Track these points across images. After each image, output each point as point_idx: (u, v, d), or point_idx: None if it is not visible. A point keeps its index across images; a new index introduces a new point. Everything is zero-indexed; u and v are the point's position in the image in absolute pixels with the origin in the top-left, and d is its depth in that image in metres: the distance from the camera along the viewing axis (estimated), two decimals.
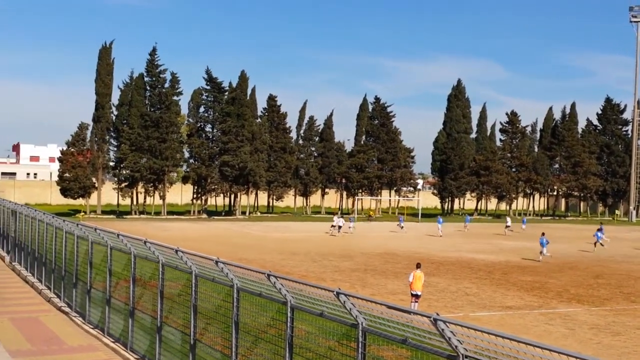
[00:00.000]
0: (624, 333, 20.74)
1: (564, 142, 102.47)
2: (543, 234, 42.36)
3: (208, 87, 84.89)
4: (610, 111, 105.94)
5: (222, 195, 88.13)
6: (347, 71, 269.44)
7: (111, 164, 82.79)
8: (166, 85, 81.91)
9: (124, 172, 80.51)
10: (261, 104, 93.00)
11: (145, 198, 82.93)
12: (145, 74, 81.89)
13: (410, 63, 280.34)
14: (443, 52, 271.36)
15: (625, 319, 23.12)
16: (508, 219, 68.90)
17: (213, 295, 12.53)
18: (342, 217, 62.34)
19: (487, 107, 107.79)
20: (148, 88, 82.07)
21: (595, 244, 48.42)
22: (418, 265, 23.25)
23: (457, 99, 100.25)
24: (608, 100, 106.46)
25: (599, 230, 49.97)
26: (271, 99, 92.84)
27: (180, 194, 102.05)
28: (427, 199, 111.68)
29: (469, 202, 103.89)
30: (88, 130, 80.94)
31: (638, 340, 19.75)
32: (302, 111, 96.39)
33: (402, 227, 63.93)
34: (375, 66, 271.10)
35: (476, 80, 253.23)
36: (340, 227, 57.39)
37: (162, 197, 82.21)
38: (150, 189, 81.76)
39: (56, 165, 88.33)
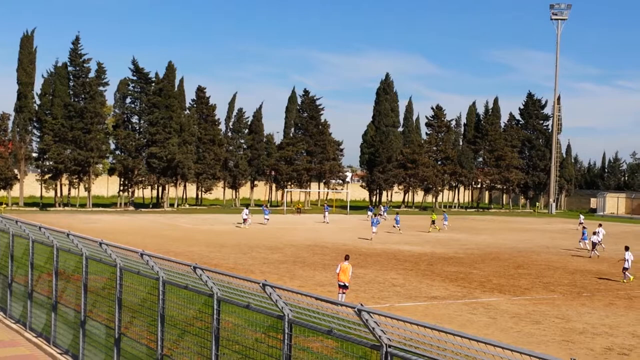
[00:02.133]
0: (543, 322, 21.47)
1: (487, 136, 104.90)
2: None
3: (135, 78, 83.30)
4: (532, 106, 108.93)
5: (149, 187, 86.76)
6: (277, 63, 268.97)
7: (34, 155, 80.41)
8: (91, 75, 80.00)
9: (47, 164, 78.31)
10: (190, 95, 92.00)
11: (69, 190, 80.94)
12: (68, 64, 79.75)
13: (340, 56, 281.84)
14: (372, 46, 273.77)
15: (544, 308, 23.92)
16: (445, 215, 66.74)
17: (138, 289, 12.40)
18: (247, 209, 62.14)
19: (414, 101, 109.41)
20: (72, 78, 79.98)
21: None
22: (346, 257, 23.49)
23: (386, 92, 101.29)
24: (530, 96, 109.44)
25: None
26: (200, 90, 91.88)
27: (106, 186, 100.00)
28: (356, 192, 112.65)
29: (396, 194, 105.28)
30: (10, 121, 78.38)
31: (556, 329, 20.48)
32: (232, 103, 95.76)
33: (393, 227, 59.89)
34: (305, 59, 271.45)
35: (404, 74, 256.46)
36: (245, 219, 57.33)
37: (87, 189, 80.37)
38: (74, 180, 79.81)
39: None
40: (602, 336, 19.68)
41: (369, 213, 72.64)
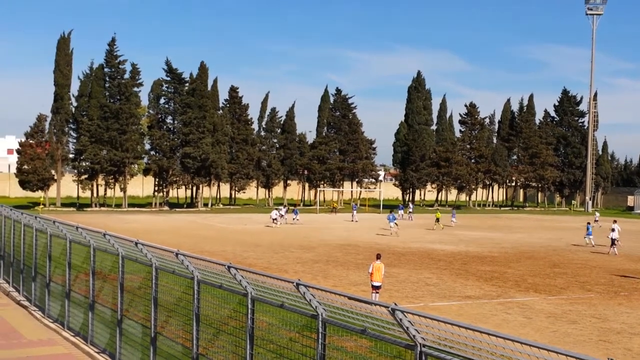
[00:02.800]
0: (579, 321, 21.20)
1: (521, 134, 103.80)
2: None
3: (168, 78, 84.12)
4: (567, 103, 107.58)
5: (183, 187, 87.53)
6: (308, 63, 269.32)
7: (71, 155, 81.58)
8: (126, 76, 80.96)
9: (84, 164, 79.42)
10: (222, 95, 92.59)
11: (105, 190, 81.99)
12: (104, 65, 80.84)
13: (372, 54, 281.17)
14: (404, 43, 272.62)
15: (581, 307, 23.62)
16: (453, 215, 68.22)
17: (174, 288, 12.51)
18: (277, 209, 62.41)
19: (447, 98, 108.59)
20: (107, 79, 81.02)
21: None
22: (378, 256, 23.43)
23: (417, 90, 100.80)
24: (565, 92, 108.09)
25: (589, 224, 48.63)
26: (232, 90, 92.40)
27: (141, 186, 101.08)
28: (389, 190, 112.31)
29: (429, 193, 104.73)
30: (47, 122, 79.67)
31: (593, 329, 20.21)
32: (264, 103, 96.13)
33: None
34: (337, 57, 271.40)
35: (436, 72, 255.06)
36: (274, 219, 57.49)
37: (123, 190, 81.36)
38: (110, 181, 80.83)
39: (14, 158, 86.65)
40: None
41: (400, 212, 72.67)
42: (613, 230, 41.85)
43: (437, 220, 59.85)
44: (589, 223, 49.75)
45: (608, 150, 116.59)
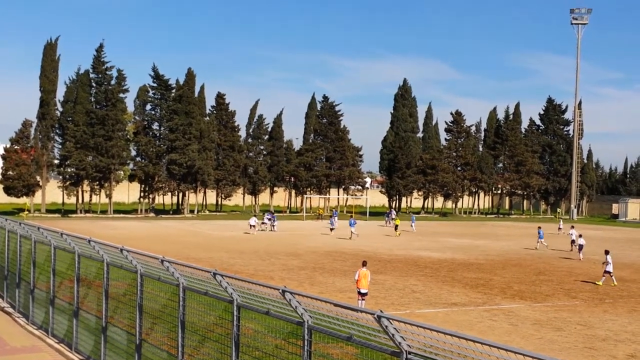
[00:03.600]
0: (565, 328, 21.28)
1: (507, 142, 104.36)
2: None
3: (155, 85, 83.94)
4: (552, 111, 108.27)
5: (169, 193, 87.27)
6: (296, 70, 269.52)
7: (56, 161, 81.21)
8: (112, 82, 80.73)
9: (69, 170, 79.04)
10: (210, 102, 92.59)
11: (91, 196, 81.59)
12: (91, 71, 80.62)
13: (359, 62, 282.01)
14: (391, 51, 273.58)
15: (566, 314, 23.71)
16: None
17: (159, 295, 12.46)
18: (255, 215, 62.45)
19: (433, 106, 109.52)
20: (94, 85, 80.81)
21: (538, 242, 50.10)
22: (364, 264, 23.45)
23: (404, 98, 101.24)
24: (550, 101, 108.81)
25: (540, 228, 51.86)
26: (219, 97, 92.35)
27: (127, 192, 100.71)
28: (375, 197, 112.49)
29: (415, 200, 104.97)
30: (32, 128, 79.31)
31: (579, 336, 20.29)
32: (253, 109, 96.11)
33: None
34: (325, 64, 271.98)
35: (423, 79, 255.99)
36: (252, 225, 57.20)
37: (109, 196, 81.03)
38: (96, 187, 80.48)
39: None
40: (625, 343, 19.47)
41: (386, 218, 73.02)
42: (580, 236, 44.05)
43: (396, 227, 60.18)
44: (539, 227, 52.09)
45: (593, 159, 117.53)
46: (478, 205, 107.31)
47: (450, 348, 6.60)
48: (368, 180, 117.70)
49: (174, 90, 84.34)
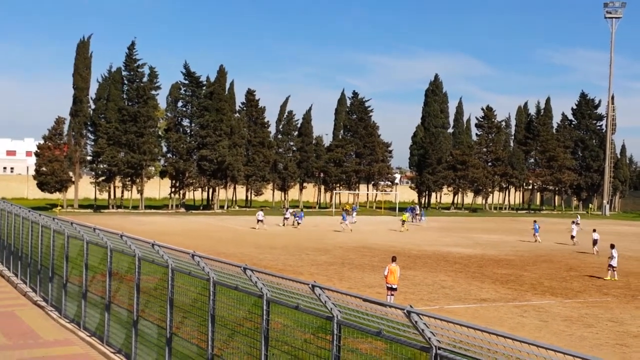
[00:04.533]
0: (596, 325, 21.06)
1: (538, 137, 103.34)
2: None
3: (186, 82, 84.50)
4: (585, 106, 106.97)
5: (200, 189, 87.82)
6: (326, 66, 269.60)
7: (88, 158, 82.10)
8: (144, 79, 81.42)
9: (101, 166, 79.89)
10: (240, 98, 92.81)
11: (122, 192, 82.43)
12: (123, 68, 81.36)
13: (389, 58, 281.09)
14: (421, 47, 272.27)
15: (597, 311, 23.46)
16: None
17: (189, 289, 12.57)
18: (261, 209, 62.30)
19: (464, 101, 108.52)
20: (126, 82, 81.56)
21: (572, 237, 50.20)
22: (393, 259, 23.42)
23: (435, 94, 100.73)
24: (583, 96, 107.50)
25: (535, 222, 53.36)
26: (250, 93, 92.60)
27: (158, 188, 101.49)
28: (405, 193, 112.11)
29: (445, 196, 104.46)
30: (65, 125, 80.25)
31: (610, 332, 20.07)
32: (283, 106, 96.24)
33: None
34: (354, 61, 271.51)
35: (454, 75, 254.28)
36: (260, 220, 56.26)
37: (140, 192, 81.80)
38: (127, 183, 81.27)
39: (33, 160, 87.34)
40: None
41: (407, 214, 72.72)
42: (594, 231, 45.62)
43: (403, 222, 59.40)
44: (535, 221, 53.78)
45: (626, 154, 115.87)
46: (508, 201, 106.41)
47: (480, 344, 6.59)
48: (397, 175, 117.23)
49: (204, 87, 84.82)
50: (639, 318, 22.35)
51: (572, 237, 50.08)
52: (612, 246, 32.28)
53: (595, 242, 44.02)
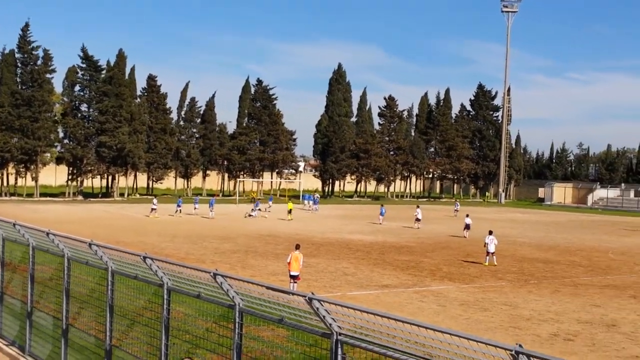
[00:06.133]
0: (491, 309, 21.85)
1: (438, 127, 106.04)
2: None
3: (84, 66, 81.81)
4: (483, 97, 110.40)
5: (99, 176, 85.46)
6: (230, 52, 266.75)
7: None
8: (39, 62, 78.38)
9: None
10: (141, 83, 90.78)
11: (16, 179, 79.21)
12: (16, 51, 78.04)
13: (295, 45, 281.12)
14: (327, 35, 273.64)
15: (492, 295, 24.35)
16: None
17: (87, 279, 12.26)
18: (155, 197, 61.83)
19: (368, 91, 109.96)
20: (19, 65, 78.32)
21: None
22: (297, 247, 23.55)
23: (338, 82, 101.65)
24: (480, 87, 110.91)
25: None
26: (151, 78, 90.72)
27: (54, 175, 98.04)
28: (309, 181, 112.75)
29: (349, 184, 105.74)
30: None
31: (504, 315, 20.87)
32: (184, 92, 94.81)
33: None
34: (259, 48, 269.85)
35: (358, 64, 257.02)
36: (154, 209, 55.97)
37: (35, 179, 78.85)
38: (21, 170, 78.20)
39: None
40: (548, 322, 20.12)
41: (306, 201, 73.94)
42: (467, 216, 48.41)
43: (290, 211, 57.61)
44: (382, 205, 60.50)
45: (521, 144, 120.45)
46: (410, 189, 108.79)
47: (380, 329, 6.69)
48: (301, 164, 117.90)
49: (103, 72, 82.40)
50: (531, 302, 23.33)
51: (417, 220, 52.95)
52: (490, 232, 33.56)
53: (467, 226, 46.71)
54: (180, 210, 57.78)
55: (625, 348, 17.46)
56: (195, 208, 59.86)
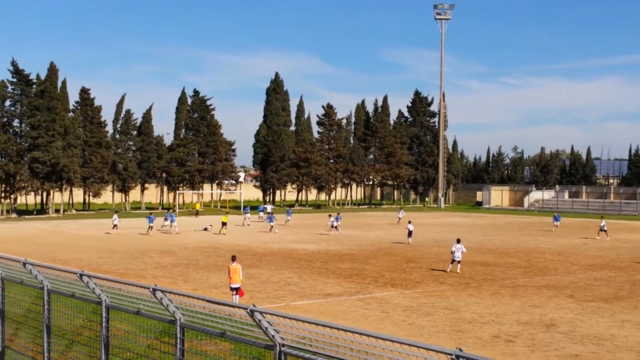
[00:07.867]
0: (434, 313, 22.09)
1: (377, 134, 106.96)
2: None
3: (14, 80, 79.77)
4: (419, 104, 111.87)
5: (33, 193, 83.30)
6: (166, 63, 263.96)
7: None
8: None
9: None
10: (74, 97, 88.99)
11: None
12: None
13: (232, 56, 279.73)
14: (264, 45, 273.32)
15: (435, 300, 24.62)
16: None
17: (23, 299, 11.93)
18: (117, 212, 59.74)
19: (305, 100, 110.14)
20: None
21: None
22: (233, 258, 23.38)
23: (276, 92, 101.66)
24: (417, 93, 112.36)
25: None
26: (84, 91, 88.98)
27: None
28: (250, 192, 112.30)
29: (290, 193, 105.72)
30: None
31: (446, 320, 21.12)
32: (120, 104, 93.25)
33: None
34: (195, 58, 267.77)
35: (296, 73, 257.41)
36: (115, 225, 53.47)
37: None
38: None
39: None
40: (489, 325, 20.45)
41: (260, 213, 73.49)
42: (409, 222, 48.40)
43: (224, 224, 54.44)
44: (269, 213, 62.45)
45: (458, 149, 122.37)
46: (351, 196, 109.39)
47: (324, 338, 6.69)
48: (242, 174, 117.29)
49: (35, 86, 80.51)
50: (473, 305, 23.68)
51: (334, 227, 53.72)
52: (458, 241, 33.47)
53: (410, 233, 46.89)
54: (151, 227, 52.73)
55: (564, 347, 17.86)
56: (168, 225, 55.19)
